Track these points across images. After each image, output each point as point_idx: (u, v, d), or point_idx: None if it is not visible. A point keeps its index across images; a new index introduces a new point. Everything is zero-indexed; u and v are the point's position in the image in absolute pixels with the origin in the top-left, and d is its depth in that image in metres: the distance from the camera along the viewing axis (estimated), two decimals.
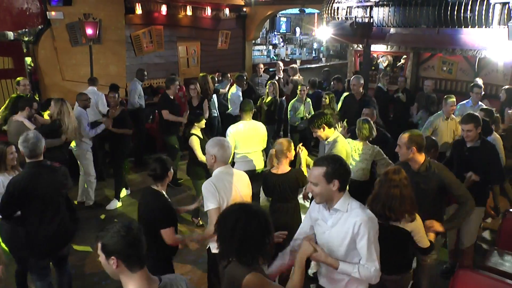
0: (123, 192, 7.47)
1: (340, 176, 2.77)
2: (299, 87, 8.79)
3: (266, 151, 8.23)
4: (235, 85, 9.31)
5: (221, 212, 2.36)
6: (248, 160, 5.87)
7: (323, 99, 8.08)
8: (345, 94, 8.58)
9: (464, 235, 4.84)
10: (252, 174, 5.34)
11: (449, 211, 4.51)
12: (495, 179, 4.90)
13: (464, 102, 7.37)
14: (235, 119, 8.85)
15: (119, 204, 7.19)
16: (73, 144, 6.74)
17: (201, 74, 9.66)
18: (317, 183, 2.78)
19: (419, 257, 4.12)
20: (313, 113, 8.53)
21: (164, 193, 3.92)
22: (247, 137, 5.89)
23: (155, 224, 3.73)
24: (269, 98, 8.70)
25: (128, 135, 7.26)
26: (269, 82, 9.01)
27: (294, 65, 11.68)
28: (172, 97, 7.84)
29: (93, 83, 8.35)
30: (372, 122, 5.35)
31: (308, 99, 8.77)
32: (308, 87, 9.21)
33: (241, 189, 3.87)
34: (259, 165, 5.97)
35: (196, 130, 6.17)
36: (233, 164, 5.73)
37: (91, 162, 6.94)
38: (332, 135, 4.87)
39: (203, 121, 6.30)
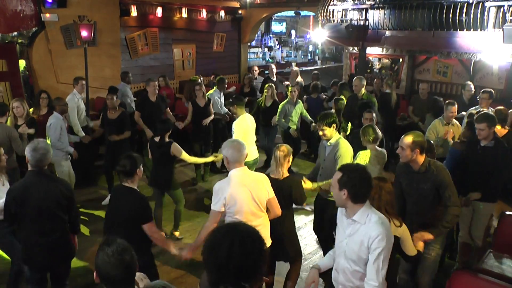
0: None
1: (350, 187, 2.85)
2: (289, 88, 8.52)
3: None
4: (215, 87, 9.21)
5: (209, 237, 2.07)
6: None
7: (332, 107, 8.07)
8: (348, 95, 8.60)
9: (474, 230, 5.02)
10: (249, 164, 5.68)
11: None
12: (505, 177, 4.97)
13: (473, 108, 7.16)
14: (216, 121, 8.74)
15: None
16: None
17: (192, 78, 9.67)
18: (333, 186, 2.96)
19: (424, 251, 4.12)
20: (307, 115, 8.55)
21: (136, 188, 3.98)
22: (248, 128, 6.55)
23: (137, 220, 3.83)
24: (269, 102, 8.61)
25: (128, 138, 7.21)
26: (266, 85, 8.91)
27: (295, 68, 11.69)
28: (153, 99, 7.72)
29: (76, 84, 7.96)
30: (374, 125, 5.38)
31: (300, 101, 8.59)
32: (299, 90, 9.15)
33: (255, 192, 3.83)
34: (255, 155, 6.62)
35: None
36: None
37: (66, 170, 6.56)
38: (334, 136, 4.93)
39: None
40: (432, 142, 5.14)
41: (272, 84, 8.94)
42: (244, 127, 6.48)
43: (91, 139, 7.35)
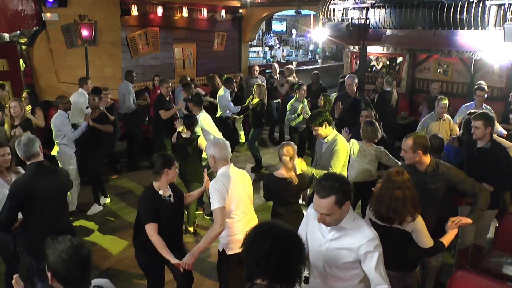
0: (106, 200, 7.28)
1: (349, 195, 2.69)
2: (303, 86, 8.62)
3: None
4: (223, 87, 9.25)
5: (251, 231, 2.10)
6: None
7: (319, 100, 8.05)
8: (334, 94, 8.64)
9: (478, 238, 4.91)
10: None
11: (462, 212, 4.55)
12: (503, 185, 4.81)
13: (467, 104, 7.27)
14: (225, 121, 8.79)
15: (100, 208, 7.01)
16: (55, 150, 6.59)
17: (210, 75, 9.78)
18: (331, 213, 2.65)
19: (424, 259, 4.13)
20: (308, 112, 8.55)
21: (158, 190, 3.92)
22: (212, 124, 6.81)
23: (141, 218, 3.86)
24: (255, 100, 8.67)
25: (104, 139, 7.17)
26: (256, 84, 8.96)
27: (290, 66, 11.67)
28: (167, 98, 7.90)
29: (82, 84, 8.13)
30: (377, 124, 5.40)
31: (305, 100, 8.67)
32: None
33: (247, 188, 3.91)
34: None
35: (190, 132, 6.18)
36: None
37: (75, 167, 6.75)
38: (331, 133, 4.95)
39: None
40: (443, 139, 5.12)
41: (261, 83, 8.96)
42: (211, 121, 6.86)
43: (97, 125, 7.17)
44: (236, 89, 10.32)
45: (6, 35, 8.84)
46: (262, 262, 1.99)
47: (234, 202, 3.78)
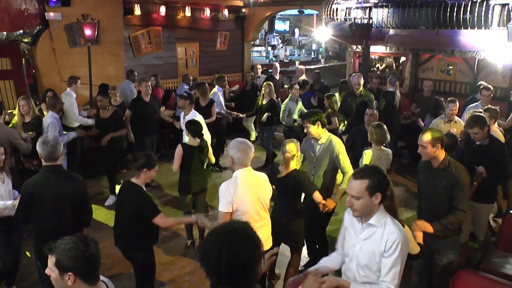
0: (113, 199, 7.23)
1: (383, 188, 2.73)
2: (287, 86, 8.65)
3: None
4: (216, 85, 9.24)
5: (201, 243, 2.13)
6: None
7: (324, 102, 8.05)
8: (337, 95, 8.64)
9: (476, 230, 5.07)
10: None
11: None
12: (498, 178, 4.96)
13: (473, 105, 7.18)
14: (216, 121, 8.74)
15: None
16: None
17: (217, 76, 9.76)
18: (360, 197, 2.70)
19: (434, 256, 4.14)
20: (304, 110, 8.54)
21: (141, 186, 4.10)
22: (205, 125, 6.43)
23: (144, 217, 3.97)
24: (266, 100, 8.65)
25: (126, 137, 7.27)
26: (264, 84, 8.89)
27: (301, 66, 11.69)
28: (146, 99, 7.77)
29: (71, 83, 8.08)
30: (385, 127, 5.32)
31: (300, 99, 8.60)
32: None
33: (259, 192, 3.88)
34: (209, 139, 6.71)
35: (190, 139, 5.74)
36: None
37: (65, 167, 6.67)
38: (324, 135, 4.88)
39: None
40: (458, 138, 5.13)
41: (270, 83, 8.92)
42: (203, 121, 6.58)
43: (86, 134, 7.52)
44: (249, 88, 10.40)
45: (10, 34, 8.87)
46: (215, 273, 1.97)
47: (242, 207, 3.77)
